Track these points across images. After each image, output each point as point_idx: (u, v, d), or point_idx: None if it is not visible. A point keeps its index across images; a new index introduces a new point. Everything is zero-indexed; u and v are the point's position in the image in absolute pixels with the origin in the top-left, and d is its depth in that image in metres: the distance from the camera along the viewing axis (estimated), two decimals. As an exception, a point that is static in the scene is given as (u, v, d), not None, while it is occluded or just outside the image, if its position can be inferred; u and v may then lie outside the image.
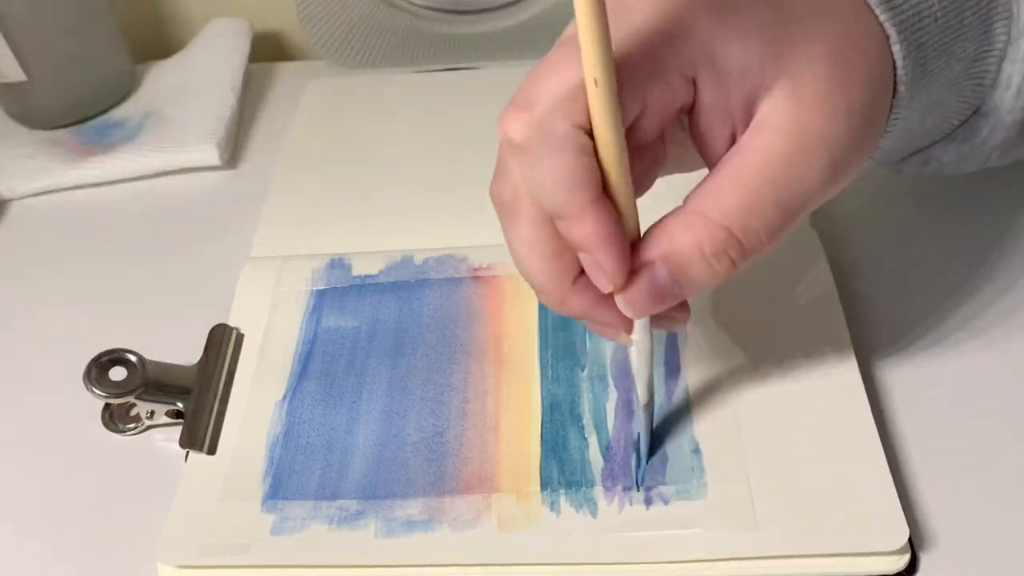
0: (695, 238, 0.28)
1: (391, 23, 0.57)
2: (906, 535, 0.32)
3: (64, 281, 0.48)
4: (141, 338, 0.41)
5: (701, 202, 0.29)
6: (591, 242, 0.28)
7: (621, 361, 0.39)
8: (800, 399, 0.36)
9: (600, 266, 0.28)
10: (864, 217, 0.46)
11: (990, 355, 0.39)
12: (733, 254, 0.29)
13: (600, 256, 0.28)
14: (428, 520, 0.34)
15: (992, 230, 0.44)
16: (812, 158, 0.28)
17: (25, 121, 0.56)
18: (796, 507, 0.33)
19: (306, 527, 0.34)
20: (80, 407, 0.40)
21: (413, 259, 0.44)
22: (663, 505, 0.34)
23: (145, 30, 0.64)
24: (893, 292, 0.42)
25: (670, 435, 0.36)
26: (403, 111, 0.56)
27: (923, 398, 0.38)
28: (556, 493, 0.35)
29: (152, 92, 0.58)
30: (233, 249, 0.47)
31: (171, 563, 0.34)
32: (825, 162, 0.28)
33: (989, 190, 0.46)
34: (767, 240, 0.29)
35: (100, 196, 0.52)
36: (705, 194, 0.29)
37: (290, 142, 0.54)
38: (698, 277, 0.29)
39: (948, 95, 0.33)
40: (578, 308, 0.31)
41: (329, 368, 0.40)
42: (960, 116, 0.35)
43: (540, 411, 0.37)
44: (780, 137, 0.28)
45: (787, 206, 0.29)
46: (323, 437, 0.37)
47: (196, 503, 0.36)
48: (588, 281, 0.30)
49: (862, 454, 0.34)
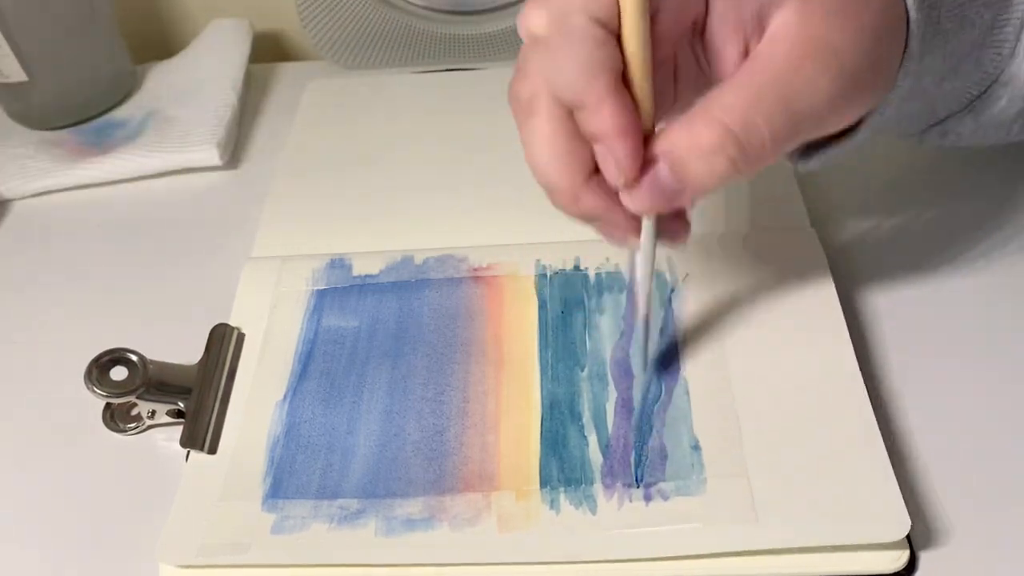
0: (695, 133, 0.29)
1: (391, 23, 0.57)
2: (907, 526, 0.32)
3: (65, 281, 0.48)
4: (142, 338, 0.41)
5: (706, 101, 0.29)
6: (607, 130, 0.28)
7: (620, 360, 0.39)
8: (800, 395, 0.36)
9: (614, 156, 0.29)
10: (863, 213, 0.46)
11: (993, 352, 0.39)
12: (731, 151, 0.29)
13: (616, 145, 0.28)
14: (428, 519, 0.34)
15: (996, 224, 0.45)
16: (821, 66, 0.29)
17: (26, 121, 0.56)
18: (796, 501, 0.33)
19: (306, 526, 0.35)
20: (81, 407, 0.40)
21: (413, 259, 0.44)
22: (663, 501, 0.34)
23: (146, 30, 0.64)
24: (893, 288, 0.42)
25: (670, 432, 0.36)
26: (403, 111, 0.56)
27: (926, 394, 0.38)
28: (556, 491, 0.35)
29: (153, 92, 0.58)
30: (233, 249, 0.47)
31: (172, 562, 0.34)
32: (834, 72, 0.29)
33: (990, 180, 0.46)
34: (769, 141, 0.29)
35: (100, 196, 0.53)
36: (712, 95, 0.29)
37: (290, 142, 0.54)
38: (697, 175, 0.29)
39: (965, 62, 0.34)
40: (590, 206, 0.31)
41: (329, 368, 0.40)
42: (979, 87, 0.35)
43: (540, 410, 0.37)
44: (789, 44, 0.29)
45: (792, 109, 0.29)
46: (323, 436, 0.37)
47: (197, 502, 0.36)
48: (601, 179, 0.30)
49: (862, 448, 0.34)
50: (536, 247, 0.43)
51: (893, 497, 0.33)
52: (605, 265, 0.42)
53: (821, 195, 0.47)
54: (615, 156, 0.29)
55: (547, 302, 0.41)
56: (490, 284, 0.43)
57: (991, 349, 0.39)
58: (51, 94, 0.55)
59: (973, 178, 0.47)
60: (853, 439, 0.35)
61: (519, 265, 0.43)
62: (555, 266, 0.43)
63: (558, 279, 0.42)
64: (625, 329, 0.40)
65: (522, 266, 0.43)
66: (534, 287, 0.42)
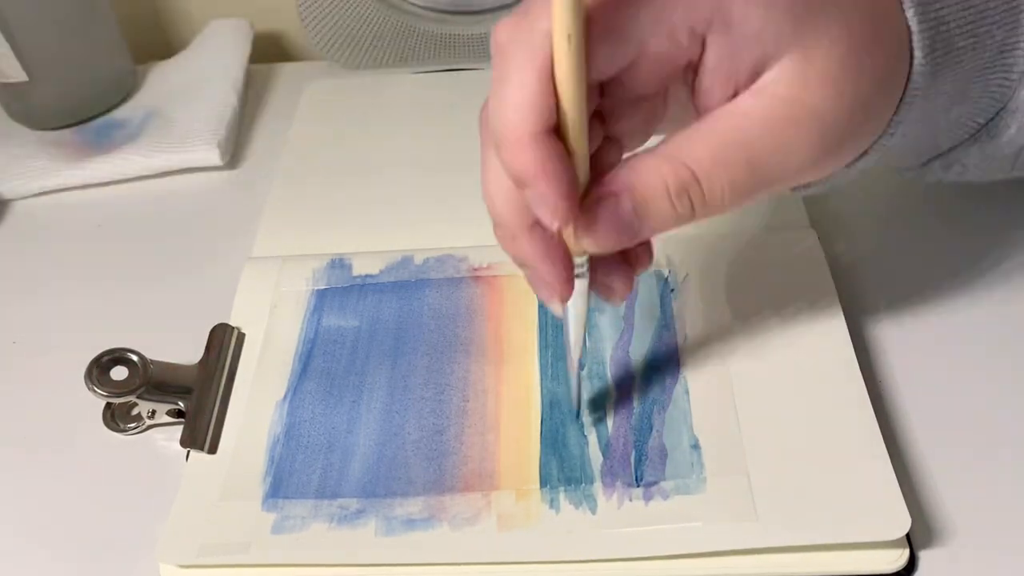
0: (661, 175, 0.28)
1: (391, 23, 0.57)
2: (907, 525, 0.32)
3: (65, 281, 0.48)
4: (142, 337, 0.41)
5: (674, 144, 0.29)
6: (531, 172, 0.27)
7: (621, 360, 0.39)
8: (800, 394, 0.37)
9: (543, 199, 0.27)
10: (863, 215, 0.46)
11: (993, 352, 0.39)
12: (694, 198, 0.29)
13: (542, 188, 0.27)
14: (428, 518, 0.34)
15: (997, 221, 0.45)
16: (798, 133, 0.28)
17: (27, 121, 0.56)
18: (796, 499, 0.33)
19: (306, 526, 0.35)
20: (81, 406, 0.40)
21: (413, 259, 0.44)
22: (663, 500, 0.34)
23: (146, 30, 0.64)
24: (893, 287, 0.42)
25: (670, 431, 0.36)
26: (403, 111, 0.56)
27: (926, 393, 0.38)
28: (555, 490, 0.35)
29: (153, 92, 0.58)
30: (234, 249, 0.47)
31: (172, 562, 0.34)
32: (813, 139, 0.29)
33: (990, 188, 0.46)
34: (728, 197, 0.29)
35: (101, 196, 0.53)
36: (681, 138, 0.29)
37: (290, 142, 0.54)
38: (658, 214, 0.29)
39: (974, 85, 0.33)
40: (526, 251, 0.30)
41: (329, 368, 0.40)
42: (985, 114, 0.35)
43: (540, 409, 0.37)
44: (772, 104, 0.28)
45: (759, 173, 0.29)
46: (323, 436, 0.38)
47: (197, 502, 0.36)
48: (544, 231, 0.30)
49: (862, 447, 0.35)
50: (536, 247, 0.43)
51: (893, 496, 0.33)
52: (605, 265, 0.42)
53: (821, 196, 0.47)
54: (544, 198, 0.27)
55: (547, 302, 0.41)
56: (490, 284, 0.43)
57: (991, 348, 0.39)
58: (51, 94, 0.55)
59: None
60: (853, 438, 0.35)
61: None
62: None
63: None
64: (625, 328, 0.40)
65: (522, 266, 0.43)
66: (534, 287, 0.42)
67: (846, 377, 0.37)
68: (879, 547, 0.32)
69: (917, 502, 0.35)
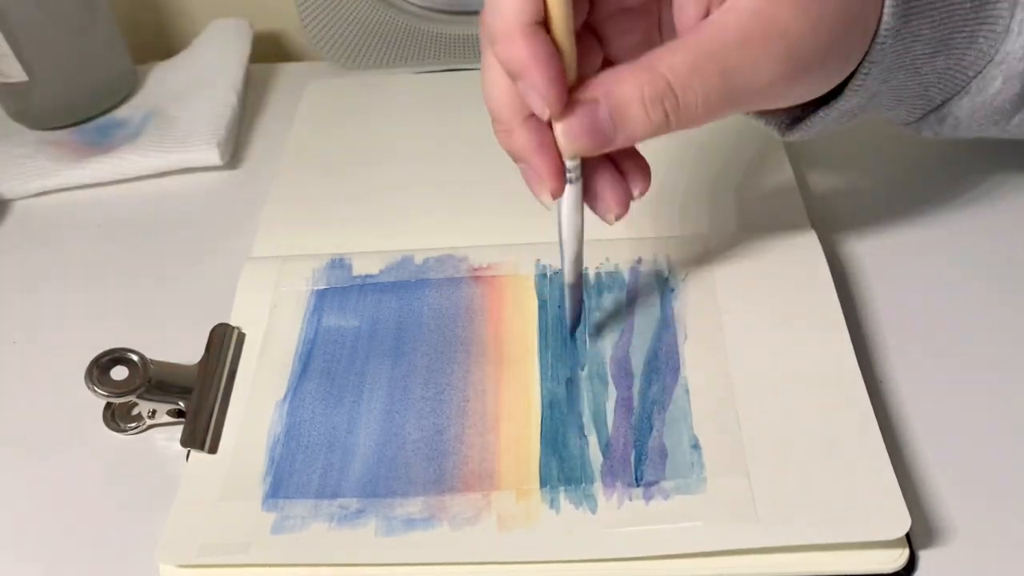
0: (638, 82, 0.30)
1: (391, 23, 0.57)
2: (907, 525, 0.32)
3: (65, 281, 0.48)
4: (142, 337, 0.41)
5: (655, 54, 0.30)
6: (522, 62, 0.29)
7: (621, 360, 0.39)
8: (799, 394, 0.36)
9: (534, 87, 0.29)
10: (862, 214, 0.46)
11: (993, 351, 0.39)
12: (668, 107, 0.30)
13: (533, 76, 0.29)
14: (428, 518, 0.34)
15: (997, 222, 0.45)
16: (767, 47, 0.30)
17: (26, 121, 0.56)
18: (797, 499, 0.33)
19: (307, 526, 0.35)
20: (81, 406, 0.40)
21: (413, 259, 0.44)
22: (663, 500, 0.34)
23: (146, 31, 0.64)
24: (892, 287, 0.42)
25: (670, 431, 0.36)
26: (403, 111, 0.56)
27: (926, 393, 0.38)
28: (556, 490, 0.35)
29: (153, 92, 0.58)
30: (234, 249, 0.47)
31: (172, 562, 0.34)
32: (780, 56, 0.30)
33: (992, 179, 0.46)
34: (702, 108, 0.30)
35: (101, 196, 0.53)
36: (661, 50, 0.30)
37: (290, 142, 0.54)
38: (633, 121, 0.30)
39: (958, 35, 0.34)
40: (521, 143, 0.32)
41: (329, 367, 0.40)
42: (975, 67, 0.35)
43: (540, 409, 0.38)
44: (743, 19, 0.30)
45: (731, 84, 0.30)
46: (323, 436, 0.38)
47: (197, 502, 0.36)
48: (539, 123, 0.31)
49: (862, 446, 0.35)
50: (536, 247, 0.43)
51: (893, 496, 0.33)
52: (605, 265, 0.42)
53: (821, 195, 0.47)
54: (535, 86, 0.29)
55: (547, 302, 0.41)
56: (490, 284, 0.43)
57: (991, 348, 0.39)
58: (51, 94, 0.55)
59: (974, 177, 0.47)
60: (853, 438, 0.35)
61: (519, 265, 0.43)
62: (555, 266, 0.43)
63: (558, 279, 0.42)
64: (625, 328, 0.40)
65: (522, 266, 0.43)
66: (534, 287, 0.42)
67: (846, 377, 0.37)
68: (879, 547, 0.32)
69: (917, 502, 0.35)
